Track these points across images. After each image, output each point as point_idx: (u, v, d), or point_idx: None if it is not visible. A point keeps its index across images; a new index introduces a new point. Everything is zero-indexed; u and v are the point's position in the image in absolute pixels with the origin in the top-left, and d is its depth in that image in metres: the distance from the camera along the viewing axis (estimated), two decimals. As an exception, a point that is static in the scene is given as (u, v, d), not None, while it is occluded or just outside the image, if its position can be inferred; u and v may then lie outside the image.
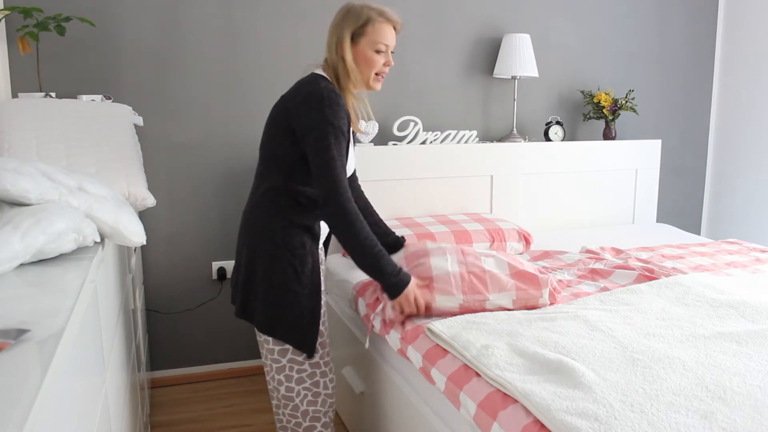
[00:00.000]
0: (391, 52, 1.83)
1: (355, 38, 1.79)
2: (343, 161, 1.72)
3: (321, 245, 1.96)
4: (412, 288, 1.83)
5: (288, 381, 1.84)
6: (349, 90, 1.82)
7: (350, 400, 2.44)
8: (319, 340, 1.84)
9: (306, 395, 1.85)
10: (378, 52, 1.80)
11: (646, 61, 3.59)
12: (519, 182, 3.20)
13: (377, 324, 2.00)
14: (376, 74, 1.82)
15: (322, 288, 1.88)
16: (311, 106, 1.72)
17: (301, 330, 1.80)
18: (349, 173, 1.86)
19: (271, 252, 1.79)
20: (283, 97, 1.84)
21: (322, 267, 1.93)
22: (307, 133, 1.73)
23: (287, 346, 1.82)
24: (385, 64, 1.82)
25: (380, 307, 2.01)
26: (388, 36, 1.80)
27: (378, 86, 1.85)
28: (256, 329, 1.88)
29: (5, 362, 0.75)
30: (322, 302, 1.86)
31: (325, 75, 1.82)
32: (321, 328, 1.85)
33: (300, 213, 1.81)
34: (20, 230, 1.13)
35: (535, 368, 1.51)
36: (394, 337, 1.91)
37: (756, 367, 1.48)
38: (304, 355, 1.83)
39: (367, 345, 2.09)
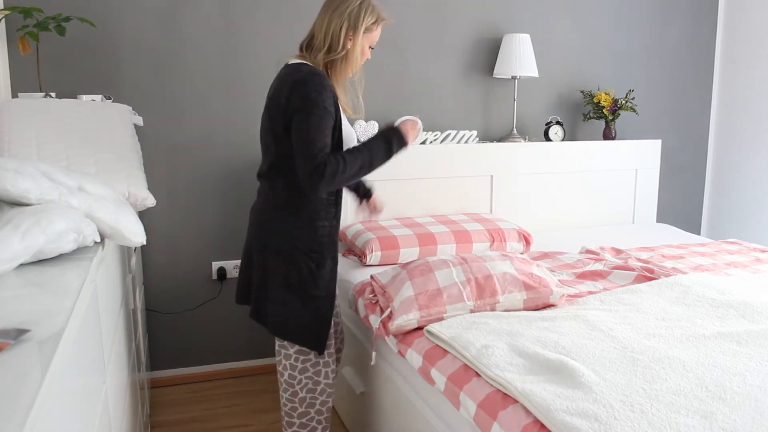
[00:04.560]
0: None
1: (359, 31, 1.84)
2: (326, 141, 1.74)
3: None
4: (406, 127, 1.91)
5: (292, 369, 1.93)
6: (343, 74, 1.88)
7: (350, 400, 2.44)
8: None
9: (306, 383, 1.94)
10: (370, 47, 1.91)
11: (646, 61, 3.59)
12: (519, 182, 3.20)
13: (374, 322, 2.00)
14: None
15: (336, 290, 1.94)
16: (297, 92, 1.75)
17: (314, 332, 1.87)
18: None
19: (287, 253, 1.83)
20: (270, 97, 1.85)
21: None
22: (293, 116, 1.76)
23: None
24: (368, 56, 1.93)
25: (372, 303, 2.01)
26: (378, 35, 1.92)
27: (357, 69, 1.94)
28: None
29: (5, 362, 0.75)
30: (336, 303, 1.94)
31: (304, 61, 1.84)
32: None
33: (317, 211, 1.84)
34: (20, 230, 1.13)
35: (535, 368, 1.51)
36: (393, 338, 1.91)
37: (756, 367, 1.48)
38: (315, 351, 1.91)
39: (373, 362, 2.09)
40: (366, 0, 1.86)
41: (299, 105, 1.74)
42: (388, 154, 1.84)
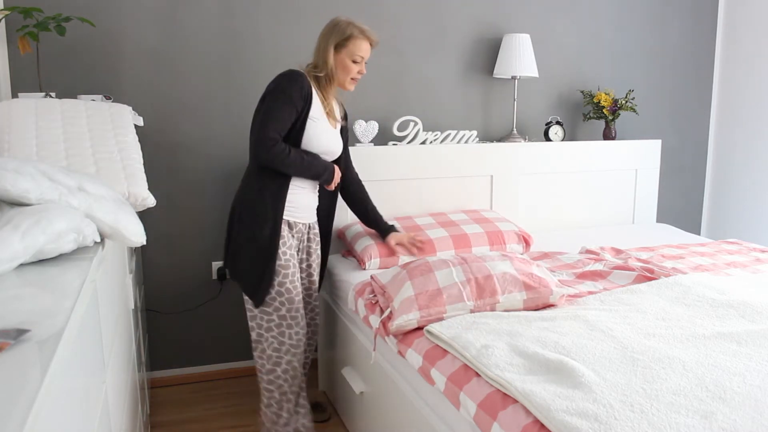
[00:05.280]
0: (365, 62, 2.23)
1: (337, 48, 2.17)
2: (281, 124, 2.10)
3: (302, 218, 2.28)
4: (337, 171, 2.28)
5: (258, 328, 2.22)
6: (327, 87, 2.21)
7: (350, 400, 2.44)
8: (287, 296, 2.19)
9: (272, 342, 2.21)
10: (354, 62, 2.19)
11: (646, 61, 3.59)
12: (519, 182, 3.20)
13: (374, 322, 2.00)
14: (351, 78, 2.22)
15: (282, 255, 2.17)
16: (274, 81, 2.15)
17: (252, 284, 2.17)
18: (316, 149, 2.20)
19: (240, 213, 2.20)
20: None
21: (294, 237, 2.25)
22: (265, 98, 2.15)
23: None
24: (358, 72, 2.21)
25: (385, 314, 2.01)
26: (364, 50, 2.20)
27: (352, 88, 2.26)
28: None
29: (5, 362, 0.75)
30: (286, 268, 2.18)
31: (302, 71, 2.18)
32: (289, 286, 2.18)
33: (266, 181, 2.15)
34: (20, 230, 1.12)
35: (535, 368, 1.51)
36: (393, 338, 1.91)
37: (756, 367, 1.48)
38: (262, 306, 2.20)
39: (372, 361, 2.09)
40: (340, 21, 2.18)
41: (271, 89, 2.14)
42: (315, 177, 2.22)
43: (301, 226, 2.29)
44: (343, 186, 2.48)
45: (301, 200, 2.25)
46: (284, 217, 2.20)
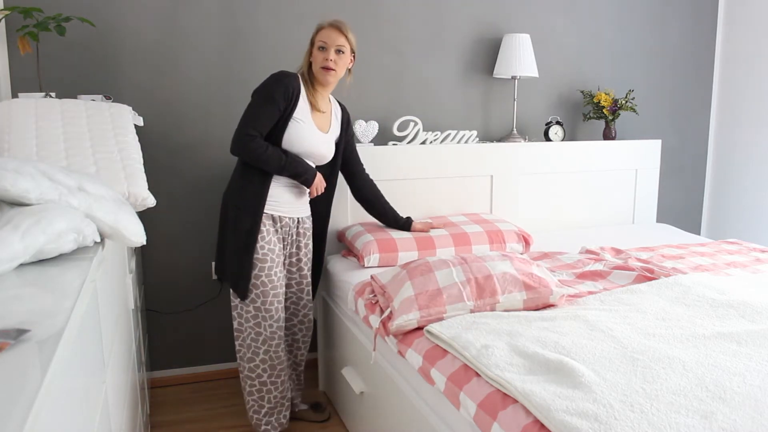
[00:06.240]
0: (341, 52, 2.25)
1: (312, 44, 2.28)
2: (261, 122, 2.18)
3: (287, 213, 2.32)
4: (318, 177, 2.33)
5: (239, 317, 2.32)
6: (315, 88, 2.30)
7: (350, 400, 2.44)
8: (261, 289, 2.26)
9: (250, 332, 2.31)
10: (319, 48, 2.25)
11: (646, 60, 3.59)
12: (519, 182, 3.20)
13: (374, 322, 2.00)
14: (322, 68, 2.24)
15: (260, 249, 2.24)
16: (261, 82, 2.23)
17: (234, 277, 2.26)
18: (297, 150, 2.26)
19: (225, 208, 2.29)
20: None
21: (280, 231, 2.31)
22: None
23: None
24: (324, 59, 2.23)
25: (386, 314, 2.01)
26: (324, 35, 2.25)
27: (326, 78, 2.26)
28: None
29: (5, 362, 0.75)
30: (263, 262, 2.25)
31: (295, 72, 2.27)
32: (264, 279, 2.25)
33: (249, 176, 2.23)
34: (20, 230, 1.12)
35: (535, 368, 1.51)
36: (393, 338, 1.91)
37: (756, 367, 1.48)
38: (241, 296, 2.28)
39: (372, 361, 2.09)
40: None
41: (257, 88, 2.23)
42: (293, 176, 2.25)
43: (287, 220, 2.34)
44: (356, 188, 2.57)
45: (283, 195, 2.30)
46: (267, 211, 2.26)
